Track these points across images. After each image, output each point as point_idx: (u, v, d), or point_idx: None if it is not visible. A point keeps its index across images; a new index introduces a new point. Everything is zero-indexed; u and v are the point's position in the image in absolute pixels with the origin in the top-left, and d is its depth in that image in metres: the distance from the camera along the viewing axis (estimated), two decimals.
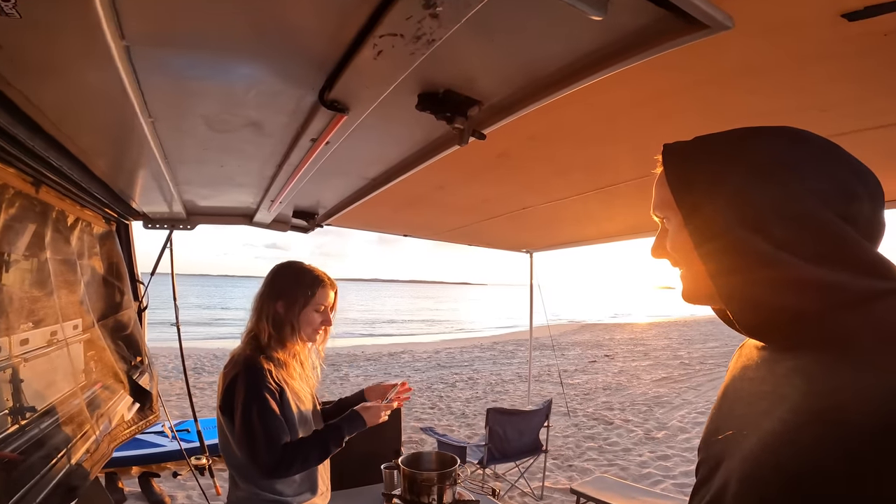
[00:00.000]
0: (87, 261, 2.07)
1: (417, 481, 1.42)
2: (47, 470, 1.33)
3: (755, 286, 0.55)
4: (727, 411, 0.65)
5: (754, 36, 0.80)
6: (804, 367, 0.53)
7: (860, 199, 0.54)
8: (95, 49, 0.82)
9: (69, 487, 1.39)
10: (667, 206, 0.64)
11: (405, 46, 0.83)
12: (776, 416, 0.53)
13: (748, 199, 0.56)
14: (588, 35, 0.84)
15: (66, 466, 1.42)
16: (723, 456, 0.61)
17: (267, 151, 1.57)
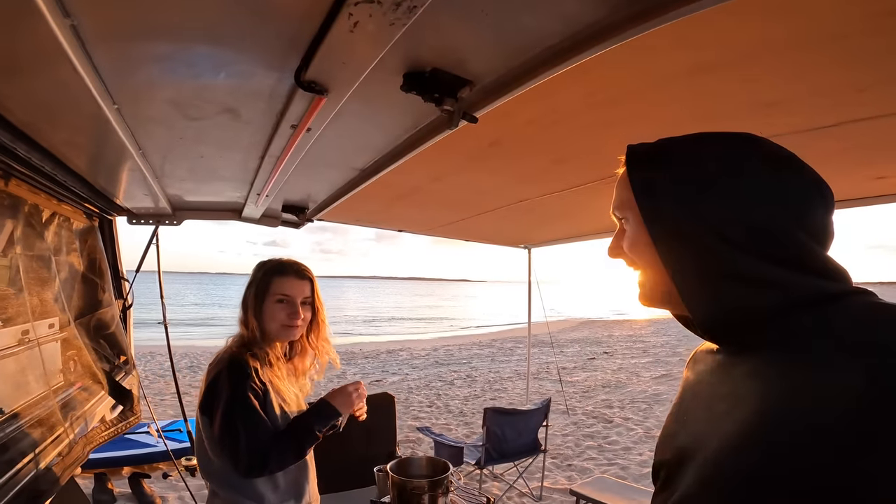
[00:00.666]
0: (64, 257, 1.98)
1: (407, 489, 1.34)
2: (11, 475, 1.26)
3: (713, 286, 0.57)
4: (684, 414, 0.66)
5: (760, 12, 0.72)
6: (760, 368, 0.55)
7: (813, 204, 0.56)
8: (39, 29, 0.74)
9: (36, 492, 1.32)
10: (627, 206, 0.65)
11: (384, 16, 0.74)
12: (735, 418, 0.54)
13: (705, 203, 0.57)
14: (586, 6, 0.75)
15: (33, 471, 1.34)
16: (683, 460, 0.61)
17: (247, 140, 1.48)
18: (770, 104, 1.07)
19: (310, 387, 1.69)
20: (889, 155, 1.55)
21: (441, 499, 1.38)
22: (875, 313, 0.50)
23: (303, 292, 1.54)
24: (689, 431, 0.63)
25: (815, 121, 1.15)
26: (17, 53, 0.86)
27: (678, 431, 0.66)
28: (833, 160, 1.46)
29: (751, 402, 0.53)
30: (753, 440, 0.51)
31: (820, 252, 0.56)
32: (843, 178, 1.71)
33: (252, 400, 1.37)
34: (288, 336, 1.54)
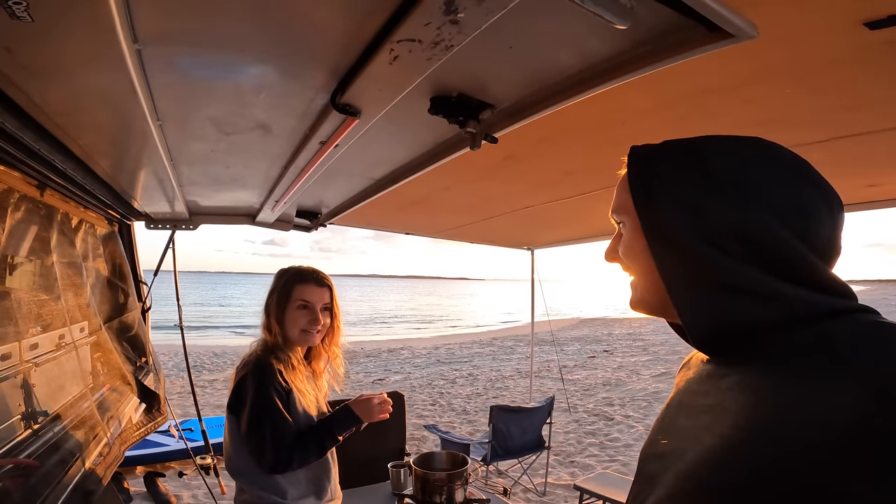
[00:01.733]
0: (91, 263, 2.06)
1: (430, 481, 1.43)
2: (63, 475, 1.32)
3: (708, 296, 0.55)
4: (669, 423, 0.64)
5: (776, 44, 0.80)
6: (750, 382, 0.52)
7: (818, 217, 0.53)
8: (107, 52, 0.81)
9: (85, 492, 1.38)
10: (625, 209, 0.63)
11: (422, 52, 0.82)
12: (717, 431, 0.52)
13: (704, 209, 0.55)
14: (606, 41, 0.84)
15: (80, 470, 1.41)
16: (659, 470, 0.59)
17: (273, 153, 1.56)
18: (766, 122, 1.16)
19: (327, 388, 1.78)
20: (879, 166, 1.64)
21: (460, 490, 1.46)
22: (879, 332, 0.47)
23: (322, 299, 1.63)
24: (669, 440, 0.61)
25: (809, 136, 1.24)
26: (77, 68, 0.92)
27: (659, 439, 0.64)
28: (826, 170, 1.52)
29: (736, 415, 0.51)
30: (736, 456, 0.48)
31: (823, 267, 0.53)
32: (837, 186, 1.74)
33: (276, 401, 1.46)
34: (308, 341, 1.62)
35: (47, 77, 0.91)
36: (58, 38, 0.77)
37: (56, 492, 1.24)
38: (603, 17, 0.64)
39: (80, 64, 0.89)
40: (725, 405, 0.53)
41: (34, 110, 1.08)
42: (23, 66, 0.82)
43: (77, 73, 0.92)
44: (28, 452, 1.29)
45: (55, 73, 0.91)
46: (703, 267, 0.55)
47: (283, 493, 1.51)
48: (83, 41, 0.80)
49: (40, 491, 1.20)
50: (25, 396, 1.37)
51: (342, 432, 1.53)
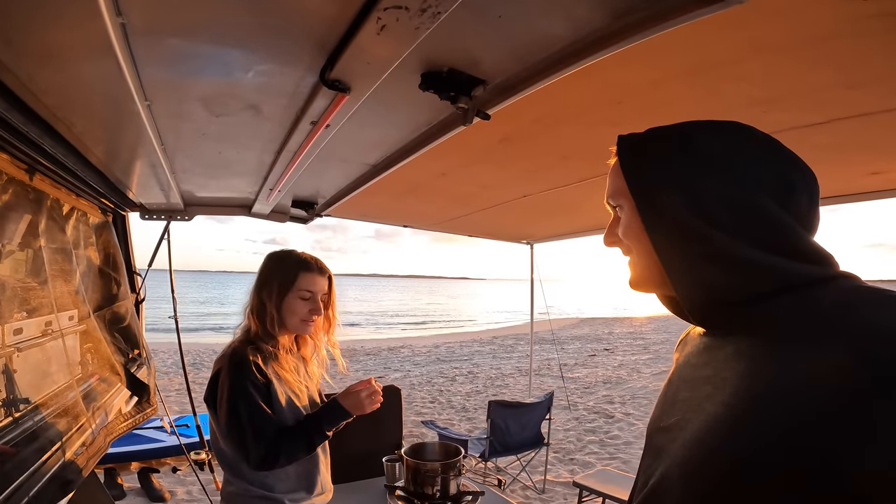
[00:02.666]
0: (82, 251, 2.03)
1: (421, 472, 1.40)
2: (41, 464, 1.30)
3: (703, 268, 0.58)
4: (672, 398, 0.67)
5: (768, 14, 0.78)
6: (746, 350, 0.56)
7: (799, 191, 0.58)
8: (93, 26, 0.79)
9: (64, 481, 1.36)
10: (620, 193, 0.67)
11: (410, 20, 0.80)
12: (719, 399, 0.55)
13: (696, 188, 0.59)
14: (596, 9, 0.81)
15: (60, 460, 1.38)
16: (666, 442, 0.62)
17: (265, 137, 1.54)
18: (764, 101, 1.13)
19: (318, 377, 1.72)
20: (882, 151, 1.61)
21: (453, 481, 1.43)
22: (861, 295, 0.51)
23: (323, 288, 1.59)
24: (674, 413, 0.64)
25: (808, 118, 1.21)
26: (64, 47, 0.90)
27: (664, 414, 0.67)
28: (827, 155, 1.52)
29: (734, 383, 0.54)
30: (738, 423, 0.51)
31: (806, 236, 0.57)
32: (838, 173, 1.76)
33: (253, 394, 1.40)
34: (304, 330, 1.58)
35: (36, 57, 0.90)
36: (45, 13, 0.76)
37: (32, 480, 1.21)
38: None
39: (68, 41, 0.87)
40: (725, 375, 0.57)
41: (23, 92, 1.06)
42: (11, 44, 0.81)
43: (65, 52, 0.90)
44: (6, 439, 1.26)
45: (44, 52, 0.89)
46: (697, 241, 0.58)
47: (269, 486, 1.47)
48: (69, 15, 0.78)
49: (14, 478, 1.17)
50: (6, 382, 1.34)
51: (331, 427, 1.48)
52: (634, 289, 0.70)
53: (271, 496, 1.46)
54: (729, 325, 0.60)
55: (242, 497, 1.48)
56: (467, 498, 1.44)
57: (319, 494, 1.58)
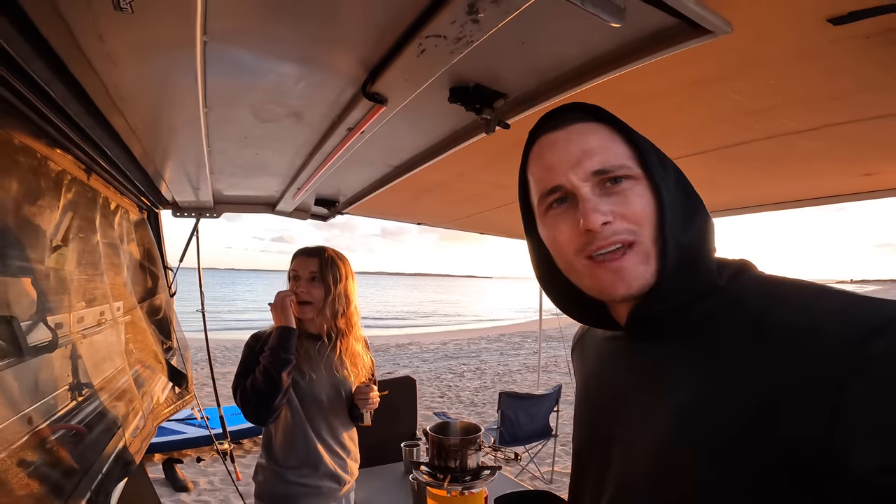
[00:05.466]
0: (126, 246, 2.19)
1: (444, 447, 1.54)
2: (106, 443, 1.41)
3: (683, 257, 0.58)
4: (598, 408, 0.64)
5: (751, 40, 0.91)
6: (686, 352, 0.54)
7: None
8: (182, 42, 0.90)
9: (125, 462, 1.48)
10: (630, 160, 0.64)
11: (446, 46, 0.94)
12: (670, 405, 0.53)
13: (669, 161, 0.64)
14: (605, 37, 0.95)
15: (121, 440, 1.51)
16: (613, 456, 0.60)
17: (301, 140, 1.68)
18: (757, 111, 1.25)
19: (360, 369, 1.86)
20: (874, 153, 1.72)
21: (474, 456, 1.58)
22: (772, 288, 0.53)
23: (308, 267, 1.72)
24: (610, 424, 0.61)
25: (798, 125, 1.33)
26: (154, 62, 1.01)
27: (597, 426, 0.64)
28: (818, 158, 1.63)
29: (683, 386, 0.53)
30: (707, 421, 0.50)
31: None
32: (832, 175, 1.88)
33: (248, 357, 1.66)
34: (297, 312, 1.70)
35: (124, 65, 1.01)
36: (145, 27, 0.85)
37: (101, 460, 1.32)
38: (600, 16, 0.75)
39: (157, 52, 0.98)
40: (667, 380, 0.55)
41: (100, 96, 1.19)
42: (107, 53, 0.93)
43: (151, 61, 1.01)
44: (77, 420, 1.37)
45: (132, 61, 1.00)
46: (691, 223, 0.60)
47: (279, 461, 1.66)
48: (164, 30, 0.88)
49: (90, 457, 1.28)
50: (72, 367, 1.46)
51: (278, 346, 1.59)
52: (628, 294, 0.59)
53: (279, 471, 1.66)
54: (658, 327, 0.59)
55: (259, 468, 1.71)
56: (486, 472, 1.58)
57: (329, 475, 1.70)
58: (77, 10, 0.79)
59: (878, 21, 0.88)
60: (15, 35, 0.80)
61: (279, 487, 1.63)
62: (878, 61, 1.03)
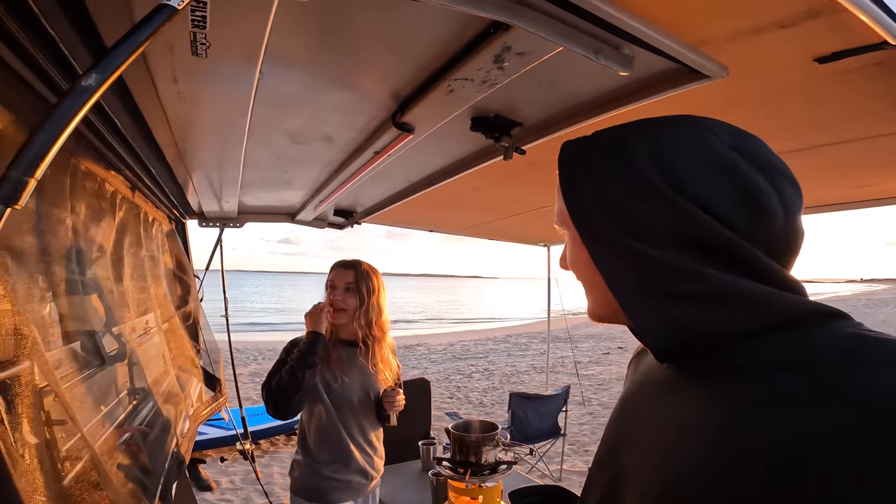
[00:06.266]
0: (162, 256, 2.33)
1: (465, 443, 1.67)
2: (164, 444, 1.52)
3: (661, 304, 0.50)
4: (626, 433, 0.58)
5: (744, 78, 1.02)
6: (718, 400, 0.47)
7: (768, 209, 0.48)
8: (242, 80, 1.01)
9: (179, 460, 1.59)
10: (562, 216, 0.59)
11: (472, 87, 1.06)
12: (683, 453, 0.47)
13: (637, 212, 0.50)
14: (614, 78, 1.07)
15: (174, 440, 1.63)
16: (623, 483, 0.55)
17: (328, 159, 1.81)
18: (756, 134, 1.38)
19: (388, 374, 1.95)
20: (865, 168, 1.84)
21: (492, 451, 1.70)
22: (864, 349, 0.41)
23: (345, 278, 1.86)
24: (627, 452, 0.56)
25: (796, 144, 1.45)
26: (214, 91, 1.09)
27: (619, 444, 0.59)
28: (814, 173, 1.75)
29: (704, 438, 0.46)
30: (705, 483, 0.44)
31: (775, 266, 0.48)
32: (827, 187, 1.99)
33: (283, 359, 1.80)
34: (333, 318, 1.86)
35: (189, 100, 1.12)
36: (214, 68, 0.95)
37: (160, 459, 1.42)
38: (611, 67, 0.88)
39: (219, 89, 1.07)
40: (690, 425, 0.48)
41: (159, 126, 1.31)
42: (178, 92, 1.06)
43: (212, 97, 1.12)
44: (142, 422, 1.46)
45: (197, 97, 1.11)
46: (649, 274, 0.50)
47: (314, 457, 1.80)
48: (229, 71, 0.97)
49: (156, 455, 1.37)
50: (134, 373, 1.55)
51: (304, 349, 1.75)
52: (595, 321, 0.60)
53: (314, 465, 1.79)
54: (699, 365, 0.50)
55: (295, 464, 1.85)
56: (503, 466, 1.71)
57: (358, 470, 1.84)
58: (160, 55, 0.89)
59: (859, 58, 1.00)
60: None
61: (313, 482, 1.77)
62: (862, 91, 1.14)
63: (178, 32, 0.76)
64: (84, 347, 1.08)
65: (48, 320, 0.98)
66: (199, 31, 0.74)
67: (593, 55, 0.87)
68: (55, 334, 1.00)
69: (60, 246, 1.05)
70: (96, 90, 0.43)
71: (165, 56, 0.89)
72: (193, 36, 0.76)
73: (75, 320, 1.07)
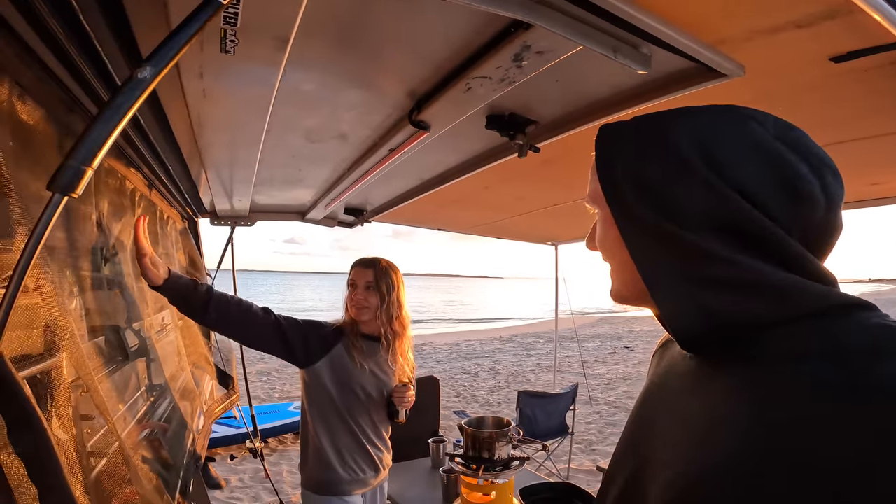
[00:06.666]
0: (176, 254, 2.36)
1: (478, 439, 1.68)
2: (182, 439, 1.54)
3: (689, 289, 0.50)
4: (648, 424, 0.58)
5: (761, 77, 1.03)
6: (748, 389, 0.46)
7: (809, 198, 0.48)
8: (266, 79, 1.02)
9: (196, 457, 1.61)
10: (596, 197, 0.59)
11: (490, 85, 1.08)
12: (711, 443, 0.47)
13: (675, 195, 0.50)
14: (632, 77, 1.08)
15: (191, 437, 1.65)
16: (641, 475, 0.55)
17: (342, 157, 1.82)
18: None
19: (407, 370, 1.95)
20: (880, 166, 1.84)
21: (505, 447, 1.71)
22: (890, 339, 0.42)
23: (365, 277, 1.89)
24: (651, 442, 0.56)
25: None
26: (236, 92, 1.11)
27: (642, 436, 0.58)
28: None
29: (736, 426, 0.45)
30: (733, 473, 0.43)
31: (809, 255, 0.48)
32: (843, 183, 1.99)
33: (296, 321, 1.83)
34: (356, 315, 1.88)
35: (212, 98, 1.13)
36: (239, 66, 0.96)
37: (180, 454, 1.44)
38: (629, 66, 0.89)
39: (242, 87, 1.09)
40: (717, 414, 0.48)
41: (180, 122, 1.32)
42: (202, 89, 1.07)
43: (235, 94, 1.13)
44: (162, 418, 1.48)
45: (220, 94, 1.12)
46: (684, 257, 0.50)
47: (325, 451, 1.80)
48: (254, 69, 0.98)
49: (176, 451, 1.39)
50: (148, 369, 1.57)
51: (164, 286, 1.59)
52: (617, 302, 0.61)
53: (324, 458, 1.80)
54: (725, 353, 0.50)
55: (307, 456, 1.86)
56: (515, 462, 1.72)
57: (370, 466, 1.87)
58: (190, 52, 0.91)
59: (874, 57, 1.00)
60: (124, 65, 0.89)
61: (324, 474, 1.79)
62: (877, 89, 1.15)
63: (209, 29, 0.78)
64: (108, 342, 1.10)
65: (75, 314, 1.00)
66: (229, 27, 0.76)
67: (612, 54, 0.88)
68: (82, 328, 1.02)
69: (87, 241, 1.07)
70: (150, 83, 0.45)
71: (195, 53, 0.91)
72: (224, 33, 0.78)
73: (101, 315, 1.10)
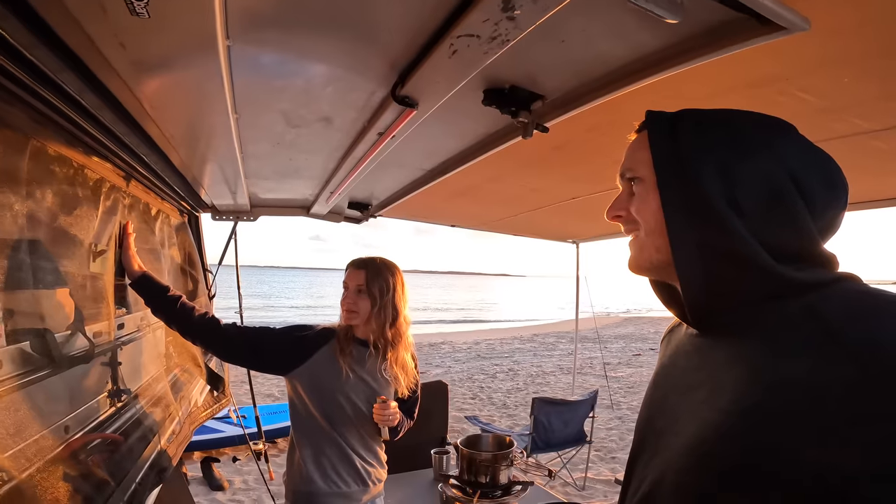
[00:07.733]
0: (167, 251, 2.23)
1: (475, 462, 1.49)
2: (142, 451, 1.41)
3: (713, 260, 0.56)
4: (660, 401, 0.65)
5: (828, 35, 0.81)
6: (744, 354, 0.53)
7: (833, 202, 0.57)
8: (205, 48, 0.88)
9: (160, 468, 1.48)
10: (643, 164, 0.64)
11: (479, 47, 0.88)
12: (716, 405, 0.53)
13: (729, 172, 0.56)
14: (657, 35, 0.87)
15: (157, 447, 1.51)
16: (659, 447, 0.60)
17: (333, 145, 1.66)
18: (823, 111, 1.15)
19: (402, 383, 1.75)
20: None
21: (505, 471, 1.52)
22: (865, 303, 0.49)
23: (356, 279, 1.72)
24: (664, 417, 0.62)
25: (869, 125, 1.21)
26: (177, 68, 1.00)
27: (654, 415, 0.65)
28: (884, 160, 1.50)
29: (732, 388, 0.52)
30: (735, 430, 0.49)
31: (819, 241, 0.57)
32: (893, 176, 1.73)
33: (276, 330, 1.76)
34: (347, 319, 1.72)
35: (149, 72, 1.00)
36: (165, 33, 0.84)
37: (136, 468, 1.32)
38: (654, 12, 0.68)
39: (180, 58, 0.96)
40: (721, 379, 0.54)
41: (131, 103, 1.19)
42: (133, 61, 0.92)
43: (177, 67, 1.00)
44: (113, 428, 1.36)
45: (157, 68, 0.99)
46: (717, 229, 0.56)
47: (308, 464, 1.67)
48: (184, 36, 0.86)
49: (125, 465, 1.28)
50: (112, 374, 1.46)
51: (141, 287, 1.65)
52: (634, 271, 0.68)
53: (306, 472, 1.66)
54: (726, 326, 0.58)
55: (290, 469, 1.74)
56: (517, 488, 1.52)
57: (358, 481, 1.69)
58: (95, 18, 0.76)
59: None
60: (38, 44, 0.78)
61: (303, 486, 1.63)
62: None
63: None
64: (34, 348, 0.94)
65: None
66: None
67: None
68: None
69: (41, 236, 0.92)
70: None
71: (98, 17, 0.75)
72: None
73: (25, 317, 0.94)
